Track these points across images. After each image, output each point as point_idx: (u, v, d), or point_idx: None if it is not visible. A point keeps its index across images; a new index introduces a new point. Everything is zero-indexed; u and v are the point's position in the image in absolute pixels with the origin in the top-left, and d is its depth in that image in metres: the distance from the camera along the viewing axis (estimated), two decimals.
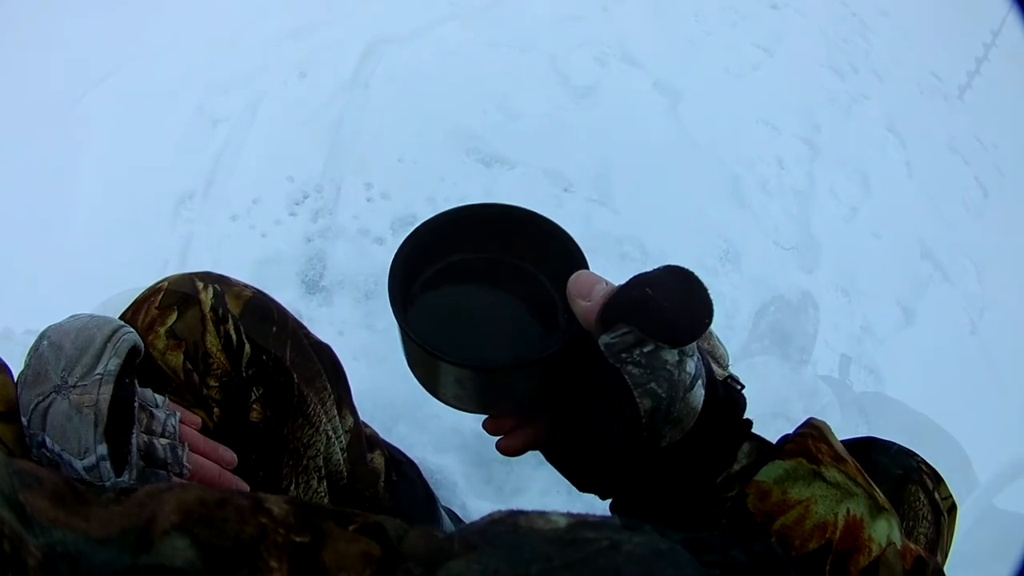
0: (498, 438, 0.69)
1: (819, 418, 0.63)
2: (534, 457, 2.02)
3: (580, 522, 0.50)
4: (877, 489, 0.58)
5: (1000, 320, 2.33)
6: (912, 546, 0.59)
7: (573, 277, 0.61)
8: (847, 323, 2.13)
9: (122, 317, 0.86)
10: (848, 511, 0.56)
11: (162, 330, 0.85)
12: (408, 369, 0.67)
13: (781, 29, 2.83)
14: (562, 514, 0.52)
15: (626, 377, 0.58)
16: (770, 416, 1.60)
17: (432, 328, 0.62)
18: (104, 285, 1.66)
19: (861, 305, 2.18)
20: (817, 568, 0.55)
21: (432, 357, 0.60)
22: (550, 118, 2.31)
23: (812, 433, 0.60)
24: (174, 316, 0.86)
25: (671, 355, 0.58)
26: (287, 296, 1.91)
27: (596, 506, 1.90)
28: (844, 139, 2.57)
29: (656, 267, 0.60)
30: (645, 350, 0.57)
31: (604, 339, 0.58)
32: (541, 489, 1.75)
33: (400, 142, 2.21)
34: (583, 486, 0.70)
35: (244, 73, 2.41)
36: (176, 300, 0.87)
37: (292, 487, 0.93)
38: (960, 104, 2.87)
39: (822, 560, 0.55)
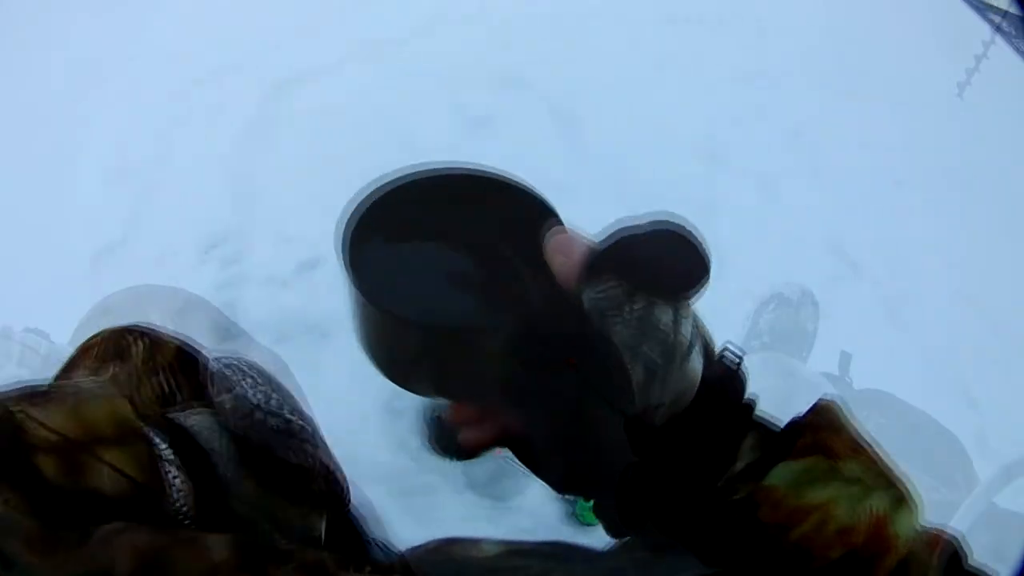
0: (461, 435, 0.60)
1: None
2: (450, 484, 2.00)
3: (511, 550, 0.51)
4: (896, 474, 0.54)
5: (919, 310, 2.37)
6: (933, 530, 0.54)
7: (550, 234, 0.56)
8: None
9: (59, 374, 0.88)
10: (870, 509, 0.51)
11: None
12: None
13: (679, 43, 2.84)
14: (495, 542, 0.52)
15: (614, 340, 0.51)
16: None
17: (388, 292, 0.56)
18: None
19: None
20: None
21: (389, 319, 0.55)
22: (450, 150, 2.30)
23: (826, 422, 0.56)
24: (111, 370, 0.88)
25: (666, 315, 0.51)
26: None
27: (523, 530, 1.90)
28: (747, 148, 2.59)
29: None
30: (636, 307, 0.51)
31: (589, 295, 0.52)
32: (463, 515, 1.77)
33: (305, 184, 2.22)
34: (563, 487, 0.64)
35: (155, 122, 2.42)
36: (108, 354, 0.89)
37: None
38: (869, 102, 2.89)
39: (847, 568, 0.51)
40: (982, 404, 2.15)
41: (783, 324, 1.96)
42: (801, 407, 0.60)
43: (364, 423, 1.85)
